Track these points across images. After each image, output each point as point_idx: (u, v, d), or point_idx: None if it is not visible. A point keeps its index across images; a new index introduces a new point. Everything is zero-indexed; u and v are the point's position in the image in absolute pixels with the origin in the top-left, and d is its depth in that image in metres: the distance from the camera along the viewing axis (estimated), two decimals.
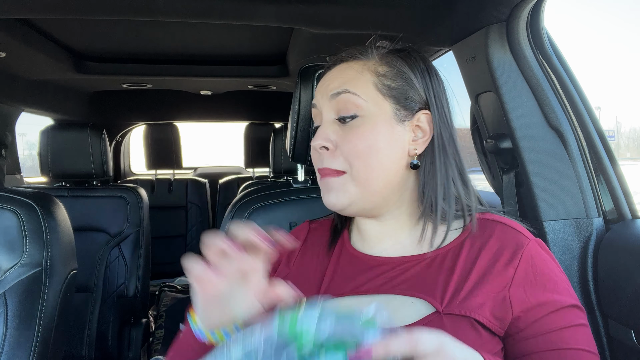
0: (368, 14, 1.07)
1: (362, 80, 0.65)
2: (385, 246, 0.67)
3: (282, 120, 2.97)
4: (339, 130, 0.64)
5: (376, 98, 0.64)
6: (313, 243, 0.75)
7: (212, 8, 1.04)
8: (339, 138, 0.64)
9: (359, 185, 0.63)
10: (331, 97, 0.65)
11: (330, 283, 0.66)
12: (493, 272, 0.59)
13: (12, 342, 0.92)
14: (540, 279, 0.59)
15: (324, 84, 0.68)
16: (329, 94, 0.66)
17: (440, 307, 0.57)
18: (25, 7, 1.01)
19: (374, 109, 0.64)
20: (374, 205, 0.65)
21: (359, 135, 0.63)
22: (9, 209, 1.01)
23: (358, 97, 0.64)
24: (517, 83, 0.96)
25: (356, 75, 0.66)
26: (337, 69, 0.68)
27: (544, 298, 0.58)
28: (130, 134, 3.19)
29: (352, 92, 0.64)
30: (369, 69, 0.66)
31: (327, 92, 0.66)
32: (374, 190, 0.63)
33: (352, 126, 0.64)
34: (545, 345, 0.57)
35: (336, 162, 0.63)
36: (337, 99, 0.65)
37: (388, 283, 0.62)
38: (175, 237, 2.75)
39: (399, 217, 0.67)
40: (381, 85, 0.65)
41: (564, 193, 0.94)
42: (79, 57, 1.93)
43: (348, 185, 0.63)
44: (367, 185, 0.63)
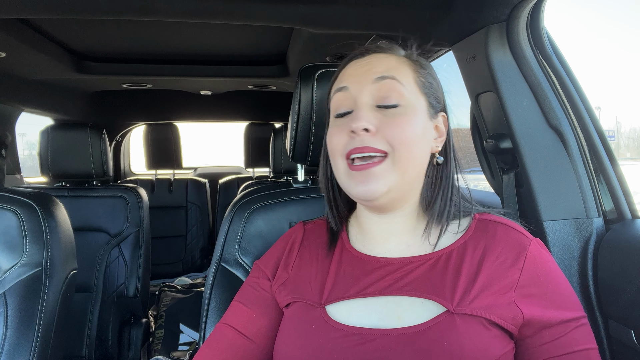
0: (368, 14, 1.07)
1: (404, 71, 0.65)
2: (389, 246, 0.67)
3: (282, 120, 2.97)
4: (379, 115, 0.62)
5: (415, 91, 0.65)
6: (310, 245, 0.74)
7: (212, 8, 1.04)
8: (380, 123, 0.62)
9: (397, 171, 0.62)
10: (375, 80, 0.63)
11: (334, 286, 0.65)
12: (500, 274, 0.60)
13: (12, 342, 0.92)
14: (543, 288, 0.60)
15: (363, 67, 0.65)
16: (373, 77, 0.63)
17: (452, 307, 0.58)
18: (25, 7, 1.01)
19: (414, 101, 0.64)
20: (402, 195, 0.65)
21: (405, 121, 0.62)
22: (9, 209, 1.01)
23: (403, 86, 0.63)
24: (517, 83, 0.96)
25: (398, 65, 0.65)
26: (375, 56, 0.67)
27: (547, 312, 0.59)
28: (130, 134, 3.19)
29: (398, 79, 0.63)
30: (407, 63, 0.67)
31: (369, 75, 0.64)
32: (408, 180, 0.64)
33: (395, 113, 0.62)
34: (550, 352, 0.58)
35: (378, 143, 0.61)
36: (381, 83, 0.63)
37: (394, 284, 0.62)
38: (175, 237, 2.75)
39: (407, 216, 0.68)
40: (419, 80, 0.66)
41: (564, 193, 0.94)
42: (79, 57, 1.93)
43: (388, 171, 0.61)
44: (405, 172, 0.62)
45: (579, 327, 0.60)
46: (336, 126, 0.65)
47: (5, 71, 1.73)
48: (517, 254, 0.61)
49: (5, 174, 1.84)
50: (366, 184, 0.61)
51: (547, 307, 0.59)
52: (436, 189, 0.68)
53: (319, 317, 0.63)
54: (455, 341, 0.55)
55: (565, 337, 0.58)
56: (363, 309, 0.62)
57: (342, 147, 0.63)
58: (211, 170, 3.58)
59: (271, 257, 0.75)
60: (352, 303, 0.63)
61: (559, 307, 0.60)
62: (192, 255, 2.74)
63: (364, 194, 0.62)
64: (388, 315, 0.60)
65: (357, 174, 0.62)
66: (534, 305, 0.59)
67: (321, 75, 0.87)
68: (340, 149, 0.64)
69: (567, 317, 0.59)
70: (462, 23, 1.00)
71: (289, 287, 0.69)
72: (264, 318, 0.69)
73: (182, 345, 1.95)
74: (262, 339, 0.68)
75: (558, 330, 0.59)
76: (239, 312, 0.70)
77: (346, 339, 0.59)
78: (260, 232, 0.90)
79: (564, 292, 0.61)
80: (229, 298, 0.78)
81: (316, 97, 0.86)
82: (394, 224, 0.67)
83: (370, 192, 0.61)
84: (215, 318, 0.85)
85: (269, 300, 0.71)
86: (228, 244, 0.90)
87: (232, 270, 0.88)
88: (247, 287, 0.74)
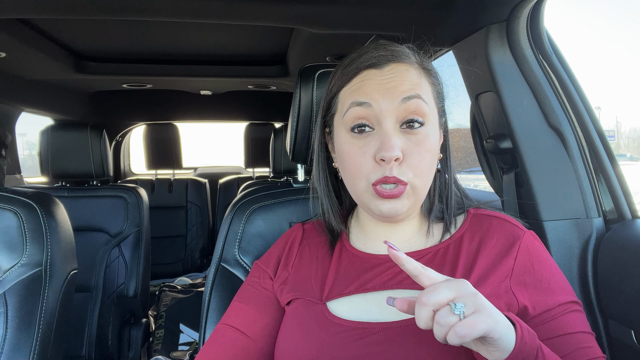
0: (368, 14, 1.07)
1: (425, 86, 0.63)
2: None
3: (282, 120, 2.97)
4: (404, 139, 0.61)
5: (433, 107, 0.64)
6: (309, 244, 0.74)
7: (212, 8, 1.04)
8: (406, 148, 0.60)
9: (415, 195, 0.62)
10: (402, 101, 0.60)
11: (334, 284, 0.66)
12: (495, 264, 0.62)
13: (12, 342, 0.92)
14: (537, 275, 0.61)
15: (387, 84, 0.61)
16: (400, 97, 0.60)
17: None
18: (25, 7, 1.01)
19: (433, 119, 0.63)
20: (415, 210, 0.67)
21: (427, 148, 0.61)
22: (9, 209, 1.01)
23: (426, 104, 0.62)
24: (517, 83, 0.96)
25: (419, 80, 0.63)
26: (396, 69, 0.63)
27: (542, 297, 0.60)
28: (130, 134, 3.19)
29: (424, 99, 0.61)
30: (424, 75, 0.64)
31: (395, 94, 0.60)
32: (421, 199, 0.64)
33: (419, 136, 0.61)
34: (548, 334, 0.59)
35: (404, 174, 0.60)
36: (408, 104, 0.60)
37: (394, 278, 0.63)
38: (175, 237, 2.75)
39: (411, 220, 0.69)
40: (435, 93, 0.65)
41: (564, 193, 0.94)
42: (79, 57, 1.93)
43: (410, 194, 0.61)
44: (421, 195, 0.63)
45: (573, 311, 0.60)
46: (356, 145, 0.63)
47: (5, 71, 1.73)
48: (510, 244, 0.63)
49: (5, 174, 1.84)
50: (392, 204, 0.61)
51: (541, 293, 0.60)
52: (436, 193, 0.69)
53: (320, 313, 0.63)
54: None
55: (560, 320, 0.59)
56: (364, 304, 0.63)
57: (367, 173, 0.61)
58: (211, 170, 3.59)
59: (271, 257, 0.76)
60: (352, 299, 0.64)
61: (553, 292, 0.61)
62: (192, 255, 2.74)
63: (389, 211, 0.61)
64: (388, 308, 0.61)
65: (381, 192, 0.61)
66: (528, 292, 0.60)
67: (321, 75, 0.87)
68: (364, 173, 0.62)
69: (561, 300, 0.60)
70: (462, 23, 1.00)
71: (289, 285, 0.70)
72: (265, 317, 0.69)
73: (182, 345, 1.95)
74: (263, 339, 0.68)
75: (552, 313, 0.59)
76: (240, 312, 0.70)
77: (348, 334, 0.60)
78: (260, 232, 0.90)
79: (557, 280, 0.62)
80: (229, 298, 0.78)
81: (316, 97, 0.86)
82: (397, 227, 0.69)
83: (395, 209, 0.61)
84: (215, 318, 0.85)
85: (270, 299, 0.71)
86: (228, 244, 0.90)
87: (232, 270, 0.88)
88: (247, 287, 0.74)
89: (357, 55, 0.65)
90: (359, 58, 0.64)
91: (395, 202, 0.61)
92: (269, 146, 2.16)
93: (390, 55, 0.63)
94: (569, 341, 0.58)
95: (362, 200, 0.65)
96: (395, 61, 0.63)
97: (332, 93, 0.68)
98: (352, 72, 0.64)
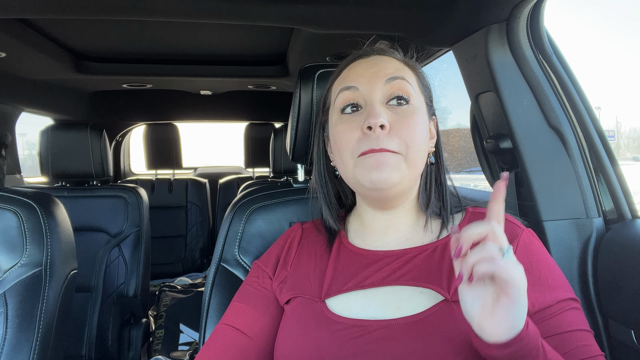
0: (368, 14, 1.07)
1: (409, 73, 0.68)
2: (388, 240, 0.69)
3: (282, 120, 2.97)
4: (390, 113, 0.64)
5: (419, 92, 0.69)
6: (308, 243, 0.75)
7: (212, 8, 1.04)
8: (393, 121, 0.63)
9: (409, 167, 0.63)
10: (386, 81, 0.65)
11: (332, 281, 0.66)
12: None
13: (12, 342, 0.92)
14: (536, 273, 0.61)
15: (372, 68, 0.67)
16: (384, 78, 0.65)
17: (449, 295, 0.59)
18: (25, 7, 1.01)
19: (418, 102, 0.67)
20: (408, 189, 0.67)
21: (415, 121, 0.64)
22: (9, 209, 1.01)
23: (411, 86, 0.66)
24: (517, 83, 0.96)
25: (403, 67, 0.69)
26: (381, 58, 0.69)
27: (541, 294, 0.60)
28: (130, 134, 3.19)
29: (407, 80, 0.66)
30: (409, 66, 0.70)
31: (379, 75, 0.66)
32: (415, 175, 0.66)
33: (406, 112, 0.64)
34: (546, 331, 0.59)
35: (393, 144, 0.61)
36: (392, 84, 0.65)
37: (392, 275, 0.64)
38: (175, 237, 2.75)
39: (408, 212, 0.70)
40: (420, 83, 0.70)
41: (564, 193, 0.94)
42: (79, 57, 1.93)
43: (401, 164, 0.62)
44: (415, 168, 0.64)
45: (572, 309, 0.60)
46: (344, 122, 0.66)
47: (5, 71, 1.73)
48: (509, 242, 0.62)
49: (5, 174, 1.84)
50: (380, 171, 0.61)
51: (539, 290, 0.60)
52: (432, 186, 0.71)
53: (319, 311, 0.64)
54: (454, 328, 0.57)
55: (558, 317, 0.59)
56: (362, 301, 0.63)
57: (354, 145, 0.63)
58: (211, 170, 3.59)
59: (270, 256, 0.76)
60: (351, 295, 0.64)
61: (552, 289, 0.61)
62: (192, 255, 2.74)
63: (377, 181, 0.61)
64: (387, 305, 0.61)
65: (369, 160, 0.61)
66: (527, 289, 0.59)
67: (321, 75, 0.87)
68: (351, 146, 0.63)
69: (560, 297, 0.60)
70: (462, 23, 1.00)
71: (288, 284, 0.70)
72: (265, 317, 0.69)
73: (182, 345, 1.95)
74: (263, 338, 0.68)
75: (551, 311, 0.59)
76: (240, 311, 0.70)
77: (347, 331, 0.60)
78: (260, 232, 0.90)
79: (556, 277, 0.62)
80: (229, 298, 0.78)
81: (316, 97, 0.86)
82: (395, 218, 0.69)
83: (384, 179, 0.61)
84: (215, 318, 0.85)
85: (270, 299, 0.71)
86: (228, 244, 0.90)
87: (232, 270, 0.88)
88: (246, 286, 0.74)
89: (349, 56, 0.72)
90: (350, 56, 0.72)
91: (384, 171, 0.61)
92: (269, 146, 2.16)
93: (375, 49, 0.71)
94: (568, 339, 0.58)
95: (353, 175, 0.64)
96: (380, 53, 0.70)
97: (325, 90, 0.74)
98: (341, 66, 0.72)
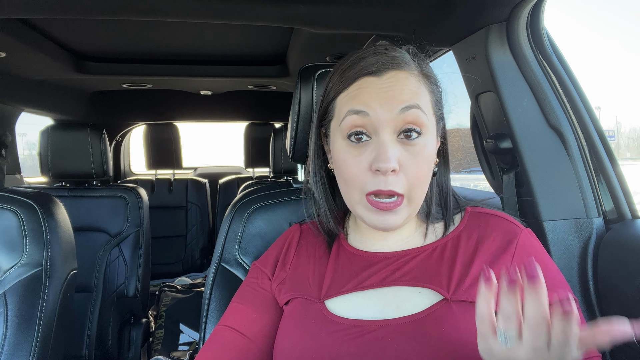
0: (368, 14, 1.07)
1: (424, 95, 0.62)
2: (387, 243, 0.69)
3: (282, 120, 2.97)
4: (401, 149, 0.59)
5: (431, 115, 0.63)
6: (307, 244, 0.75)
7: (213, 8, 1.04)
8: (403, 158, 0.59)
9: (411, 206, 0.62)
10: (400, 111, 0.59)
11: (332, 282, 0.66)
12: (493, 262, 0.62)
13: (12, 342, 0.92)
14: None
15: (385, 93, 0.59)
16: (398, 107, 0.59)
17: (448, 295, 0.59)
18: (25, 7, 1.01)
19: (431, 128, 0.62)
20: (410, 220, 0.66)
21: (424, 158, 0.60)
22: (9, 209, 1.01)
23: (425, 114, 0.60)
24: (517, 83, 0.96)
25: (418, 89, 0.61)
26: (395, 77, 0.61)
27: None
28: (130, 134, 3.19)
29: (422, 109, 0.60)
30: (423, 82, 0.63)
31: (393, 103, 0.59)
32: (417, 209, 0.64)
33: (416, 147, 0.60)
34: None
35: (399, 185, 0.59)
36: (406, 114, 0.59)
37: (391, 276, 0.63)
38: (175, 237, 2.75)
39: (409, 223, 0.69)
40: (434, 101, 0.64)
41: (564, 193, 0.94)
42: (79, 57, 1.93)
43: (405, 207, 0.61)
44: (417, 206, 0.63)
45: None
46: (352, 153, 0.61)
47: (5, 71, 1.73)
48: (508, 242, 0.63)
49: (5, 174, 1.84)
50: (386, 219, 0.61)
51: None
52: (433, 196, 0.69)
53: (318, 312, 0.63)
54: (453, 327, 0.57)
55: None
56: (362, 302, 0.63)
57: (362, 182, 0.60)
58: (211, 170, 3.59)
59: (269, 257, 0.76)
60: (350, 297, 0.64)
61: (550, 289, 0.60)
62: (192, 255, 2.74)
63: (383, 226, 0.61)
64: (386, 306, 0.61)
65: (377, 210, 0.60)
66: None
67: (321, 75, 0.87)
68: (359, 183, 0.61)
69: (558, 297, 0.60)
70: (462, 23, 1.00)
71: (287, 285, 0.70)
72: (264, 317, 0.69)
73: (182, 345, 1.95)
74: (262, 339, 0.68)
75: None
76: (239, 313, 0.70)
77: (346, 332, 0.60)
78: (260, 232, 0.90)
79: (554, 277, 0.62)
80: (229, 298, 0.78)
81: (316, 97, 0.86)
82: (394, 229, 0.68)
83: (389, 225, 0.61)
84: (215, 318, 0.85)
85: (269, 300, 0.71)
86: (228, 244, 0.90)
87: (232, 270, 0.88)
88: (245, 287, 0.74)
89: (355, 60, 0.63)
90: (358, 64, 0.62)
91: (389, 216, 0.60)
92: (269, 146, 2.16)
93: (389, 63, 0.61)
94: None
95: (356, 212, 0.64)
96: (394, 68, 0.61)
97: (330, 98, 0.66)
98: (350, 78, 0.63)
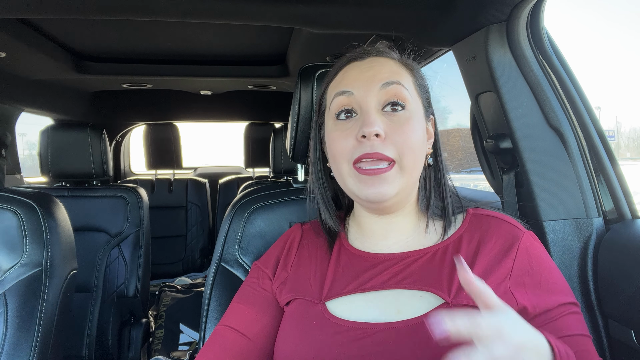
0: (368, 14, 1.07)
1: (405, 76, 0.66)
2: (388, 243, 0.68)
3: (282, 120, 2.97)
4: (386, 120, 0.62)
5: (415, 95, 0.67)
6: (308, 244, 0.74)
7: (212, 8, 1.04)
8: (389, 128, 0.62)
9: (405, 176, 0.62)
10: (382, 86, 0.63)
11: (333, 283, 0.66)
12: (494, 264, 0.62)
13: (12, 342, 0.92)
14: (537, 277, 0.61)
15: (367, 72, 0.65)
16: (379, 83, 0.64)
17: (449, 299, 0.59)
18: (25, 7, 1.01)
19: (415, 105, 0.65)
20: (406, 196, 0.67)
21: (410, 127, 0.63)
22: (9, 209, 1.01)
23: (407, 90, 0.65)
24: (517, 83, 0.96)
25: (399, 69, 0.67)
26: (376, 60, 0.67)
27: (542, 298, 0.60)
28: (130, 134, 3.19)
29: (403, 84, 0.64)
30: (406, 67, 0.68)
31: (375, 80, 0.64)
32: (412, 182, 0.65)
33: (401, 118, 0.63)
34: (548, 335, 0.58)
35: (387, 150, 0.61)
36: (388, 89, 0.63)
37: (393, 278, 0.63)
38: (175, 237, 2.75)
39: (408, 215, 0.69)
40: (417, 84, 0.68)
41: (564, 193, 0.94)
42: (79, 57, 1.93)
43: (397, 176, 0.62)
44: (411, 176, 0.64)
45: (572, 314, 0.60)
46: (339, 130, 0.65)
47: (5, 71, 1.73)
48: (510, 245, 0.63)
49: (5, 174, 1.85)
50: (377, 187, 0.61)
51: (540, 294, 0.60)
52: (432, 187, 0.70)
53: (319, 313, 0.63)
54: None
55: (559, 321, 0.59)
56: (363, 304, 0.63)
57: (349, 152, 0.62)
58: (211, 170, 3.59)
59: (270, 257, 0.76)
60: (351, 298, 0.64)
61: (552, 293, 0.60)
62: (192, 255, 2.74)
63: (375, 196, 0.62)
64: (387, 309, 0.61)
65: (367, 178, 0.61)
66: (527, 293, 0.60)
67: (321, 75, 0.87)
68: (346, 153, 0.63)
69: (560, 301, 0.60)
70: (462, 23, 1.00)
71: (288, 286, 0.70)
72: (265, 318, 0.69)
73: (182, 345, 1.95)
74: (263, 339, 0.68)
75: (551, 315, 0.59)
76: (240, 313, 0.70)
77: (347, 334, 0.60)
78: (260, 232, 0.90)
79: (556, 280, 0.62)
80: (229, 298, 0.78)
81: (316, 97, 0.86)
82: (394, 223, 0.69)
83: (381, 194, 0.61)
84: (215, 318, 0.85)
85: (269, 300, 0.71)
86: (228, 244, 0.90)
87: (232, 270, 0.88)
88: (246, 287, 0.74)
89: (345, 57, 0.70)
90: (346, 57, 0.69)
91: (381, 184, 0.61)
92: (269, 146, 2.16)
93: (371, 50, 0.68)
94: (567, 344, 0.57)
95: (349, 187, 0.64)
96: (376, 55, 0.68)
97: (322, 90, 0.72)
98: (336, 68, 0.70)
